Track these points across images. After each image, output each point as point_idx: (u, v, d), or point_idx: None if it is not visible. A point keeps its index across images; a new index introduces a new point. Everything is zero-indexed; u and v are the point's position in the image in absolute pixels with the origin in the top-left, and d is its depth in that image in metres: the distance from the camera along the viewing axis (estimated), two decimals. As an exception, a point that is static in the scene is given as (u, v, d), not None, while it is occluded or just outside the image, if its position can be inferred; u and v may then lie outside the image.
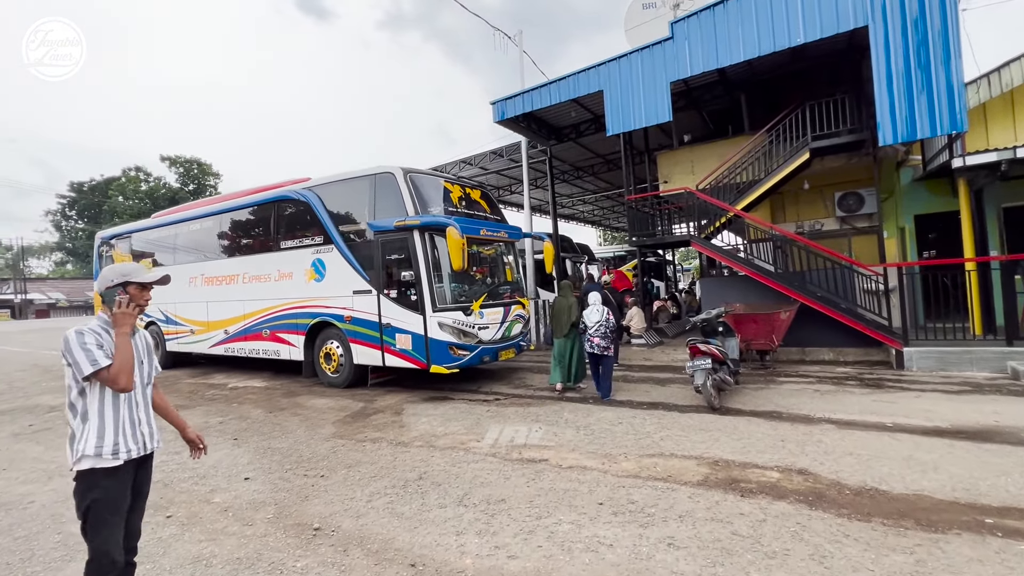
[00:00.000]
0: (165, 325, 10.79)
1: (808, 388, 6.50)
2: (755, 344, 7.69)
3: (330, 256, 7.93)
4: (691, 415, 5.52)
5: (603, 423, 5.37)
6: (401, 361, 7.18)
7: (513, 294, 8.28)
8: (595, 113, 11.34)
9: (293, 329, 8.47)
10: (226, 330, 9.59)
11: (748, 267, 8.57)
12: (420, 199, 7.15)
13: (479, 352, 7.16)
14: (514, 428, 5.35)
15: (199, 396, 7.84)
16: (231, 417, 6.45)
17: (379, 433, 5.45)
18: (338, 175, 8.10)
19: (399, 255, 7.18)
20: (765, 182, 9.47)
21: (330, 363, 8.03)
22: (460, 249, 6.38)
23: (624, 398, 6.50)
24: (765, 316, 7.45)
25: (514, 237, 8.38)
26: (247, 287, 9.17)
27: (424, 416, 6.04)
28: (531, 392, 7.13)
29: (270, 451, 5.01)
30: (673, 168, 11.30)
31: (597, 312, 6.44)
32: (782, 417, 5.27)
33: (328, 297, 7.98)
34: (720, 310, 6.60)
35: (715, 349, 5.81)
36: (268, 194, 8.97)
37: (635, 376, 7.87)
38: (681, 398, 6.32)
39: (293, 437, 5.45)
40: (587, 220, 28.80)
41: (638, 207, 10.33)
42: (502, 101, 10.22)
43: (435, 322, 6.83)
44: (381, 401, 6.96)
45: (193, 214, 10.41)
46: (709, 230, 9.29)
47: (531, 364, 9.54)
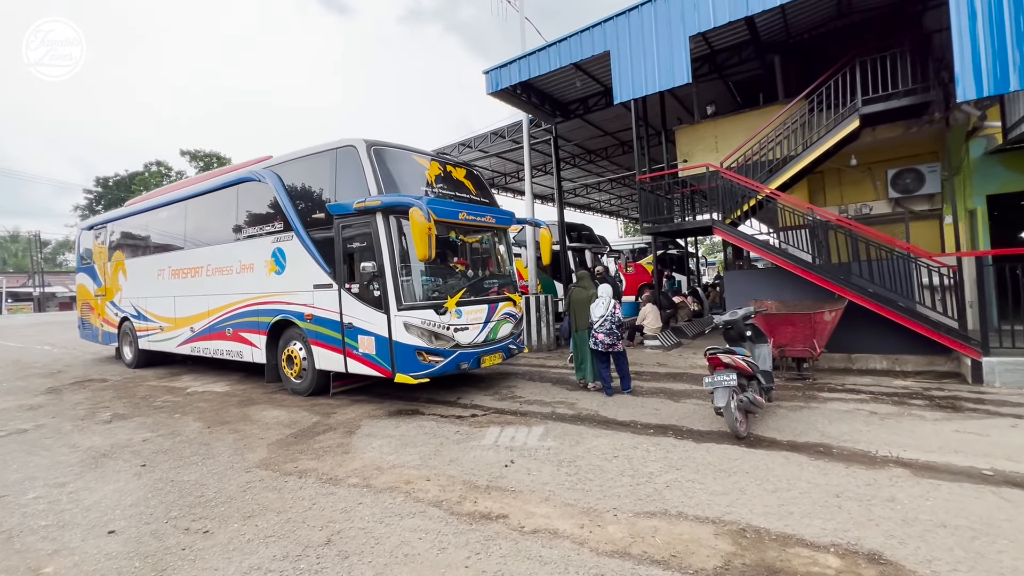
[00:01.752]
0: (136, 321, 10.00)
1: (861, 409, 5.16)
2: (791, 351, 6.35)
3: (290, 245, 6.90)
4: (709, 447, 4.28)
5: (594, 456, 4.17)
6: (364, 367, 6.10)
7: (502, 289, 7.10)
8: (604, 84, 10.01)
9: (254, 328, 7.50)
10: (192, 327, 8.71)
11: (783, 258, 7.19)
12: (386, 176, 6.03)
13: (455, 358, 6.03)
14: (479, 460, 4.21)
15: (147, 404, 6.94)
16: (161, 434, 5.49)
17: (315, 462, 4.38)
18: (299, 151, 7.05)
19: (361, 243, 6.08)
20: (803, 157, 8.04)
21: (292, 367, 7.03)
22: (425, 234, 5.24)
23: (626, 417, 5.28)
24: (804, 317, 6.10)
25: (503, 223, 7.19)
26: (211, 280, 8.25)
27: (379, 438, 4.95)
28: (517, 406, 5.97)
29: (171, 486, 3.99)
30: (694, 145, 9.89)
31: (603, 305, 5.98)
32: (832, 454, 3.98)
33: (289, 292, 6.96)
34: (748, 310, 5.30)
35: (741, 360, 4.54)
36: (228, 176, 8.00)
37: (644, 388, 6.62)
38: (698, 419, 5.07)
39: (212, 465, 4.43)
40: (604, 210, 27.33)
41: (652, 189, 8.99)
42: (496, 69, 8.98)
43: (400, 322, 5.73)
44: (339, 415, 5.91)
45: (160, 201, 9.55)
46: (735, 214, 7.92)
47: (526, 369, 8.37)
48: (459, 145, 13.78)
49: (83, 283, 12.00)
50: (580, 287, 6.59)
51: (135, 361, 10.16)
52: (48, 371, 10.38)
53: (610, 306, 5.99)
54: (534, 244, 10.48)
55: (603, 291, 6.17)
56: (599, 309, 6.02)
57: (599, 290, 6.22)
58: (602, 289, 6.22)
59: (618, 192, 22.70)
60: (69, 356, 12.68)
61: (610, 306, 5.99)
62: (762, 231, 8.94)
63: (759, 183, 7.63)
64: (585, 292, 6.48)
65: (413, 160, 6.58)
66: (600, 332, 5.95)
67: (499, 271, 7.44)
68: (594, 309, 6.06)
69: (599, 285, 6.39)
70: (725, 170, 7.86)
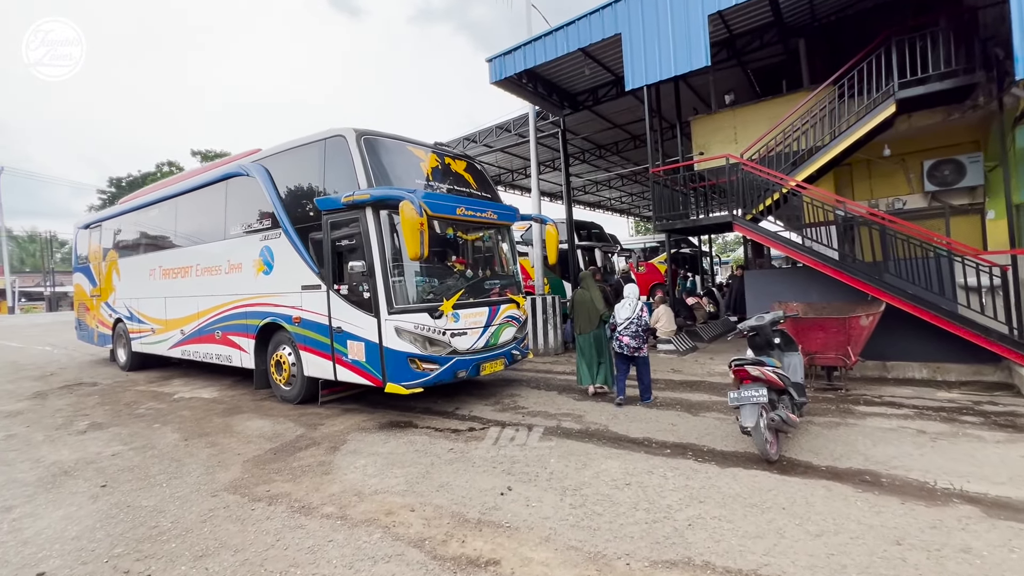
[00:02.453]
0: (129, 323, 9.67)
1: (907, 427, 4.57)
2: (822, 359, 5.77)
3: (278, 243, 6.46)
4: (736, 472, 3.73)
5: (603, 482, 3.65)
6: (354, 375, 5.64)
7: (504, 291, 6.60)
8: (614, 72, 9.45)
9: (243, 331, 7.08)
10: (182, 330, 8.33)
11: (811, 256, 6.58)
12: (377, 168, 5.55)
13: (452, 366, 5.54)
14: (472, 485, 3.71)
15: (128, 412, 6.55)
16: (134, 447, 5.08)
17: (290, 484, 3.92)
18: (287, 143, 6.60)
19: (350, 240, 5.62)
20: (831, 148, 7.42)
21: (281, 373, 6.59)
22: (417, 230, 4.75)
23: (640, 434, 4.75)
24: (838, 321, 5.51)
25: (506, 219, 6.69)
26: (200, 281, 7.86)
27: (364, 456, 4.48)
28: (519, 418, 5.47)
29: (125, 512, 3.55)
30: (711, 137, 9.29)
31: (629, 307, 5.63)
32: (882, 485, 3.42)
33: (277, 293, 6.53)
34: (777, 314, 4.73)
35: (772, 373, 3.98)
36: (215, 172, 7.59)
37: (659, 398, 6.07)
38: (720, 438, 4.52)
39: (177, 486, 3.99)
40: (614, 208, 26.70)
41: (665, 182, 8.41)
42: (499, 57, 8.46)
43: (391, 327, 5.25)
44: (327, 427, 5.45)
45: (151, 198, 9.18)
46: (757, 209, 7.32)
47: (531, 376, 7.85)
48: (463, 140, 13.29)
49: (79, 283, 11.73)
50: (583, 288, 6.26)
51: (129, 364, 9.83)
52: (41, 373, 10.10)
53: (637, 307, 5.65)
54: (540, 242, 9.95)
55: (629, 291, 5.82)
56: (625, 310, 5.66)
57: (625, 290, 5.89)
58: (628, 289, 5.87)
59: (629, 189, 22.07)
60: (66, 358, 12.42)
61: (637, 307, 5.65)
62: (784, 228, 8.32)
63: (784, 175, 7.01)
64: (587, 293, 6.15)
65: (408, 151, 6.10)
66: (625, 335, 5.59)
67: (501, 271, 6.93)
68: (620, 310, 5.72)
69: (625, 285, 6.11)
70: (747, 161, 7.26)
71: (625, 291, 5.90)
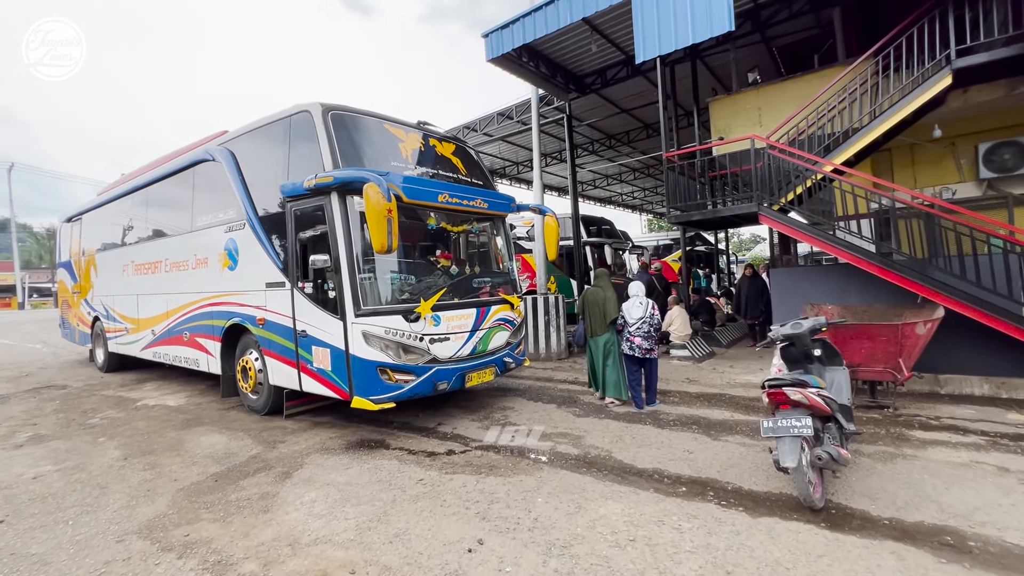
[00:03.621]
0: (106, 321, 9.10)
1: (982, 461, 3.70)
2: (867, 372, 4.89)
3: (243, 236, 5.77)
4: (772, 524, 2.91)
5: (599, 537, 2.86)
6: (319, 386, 4.91)
7: (496, 289, 5.82)
8: (624, 50, 8.61)
9: (208, 333, 6.41)
10: (153, 330, 7.71)
11: (850, 251, 5.70)
12: (346, 149, 4.81)
13: (430, 376, 4.78)
14: (436, 536, 2.95)
15: (81, 422, 5.92)
16: (64, 467, 4.42)
17: (216, 526, 3.19)
18: (254, 122, 5.90)
19: (315, 231, 4.89)
20: (870, 129, 6.51)
21: (247, 380, 5.90)
22: (383, 218, 4.00)
23: (648, 463, 3.95)
24: (889, 329, 4.63)
25: (498, 209, 5.90)
26: (169, 277, 7.21)
27: (317, 487, 3.74)
28: (508, 438, 4.70)
29: (2, 562, 2.86)
30: (732, 120, 8.38)
31: (639, 307, 5.43)
32: (972, 553, 2.58)
33: (242, 292, 5.83)
34: (819, 321, 3.88)
35: (817, 397, 3.15)
36: (183, 158, 6.93)
37: (672, 415, 5.25)
38: (748, 471, 3.70)
39: (85, 524, 3.30)
40: (626, 204, 25.74)
41: (680, 169, 7.54)
42: (496, 31, 7.66)
43: (358, 331, 4.50)
44: (288, 445, 4.74)
45: (125, 189, 8.55)
46: (786, 198, 6.44)
47: (529, 384, 7.07)
48: (463, 128, 12.51)
49: (63, 279, 11.22)
50: (597, 287, 5.83)
51: (106, 365, 9.25)
52: (17, 374, 9.58)
53: (648, 307, 5.45)
54: (540, 236, 9.15)
55: (636, 289, 5.59)
56: (636, 310, 5.43)
57: (630, 288, 5.65)
58: (634, 287, 5.63)
59: (642, 184, 21.13)
60: (52, 357, 11.95)
61: (648, 307, 5.45)
62: (813, 221, 7.39)
63: (820, 159, 6.12)
64: (602, 293, 5.72)
65: (384, 131, 5.34)
66: (637, 336, 5.37)
67: (494, 267, 6.16)
68: (631, 310, 5.48)
69: (631, 283, 5.86)
70: (777, 143, 6.38)
71: (631, 289, 5.64)
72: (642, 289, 5.60)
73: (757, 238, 53.28)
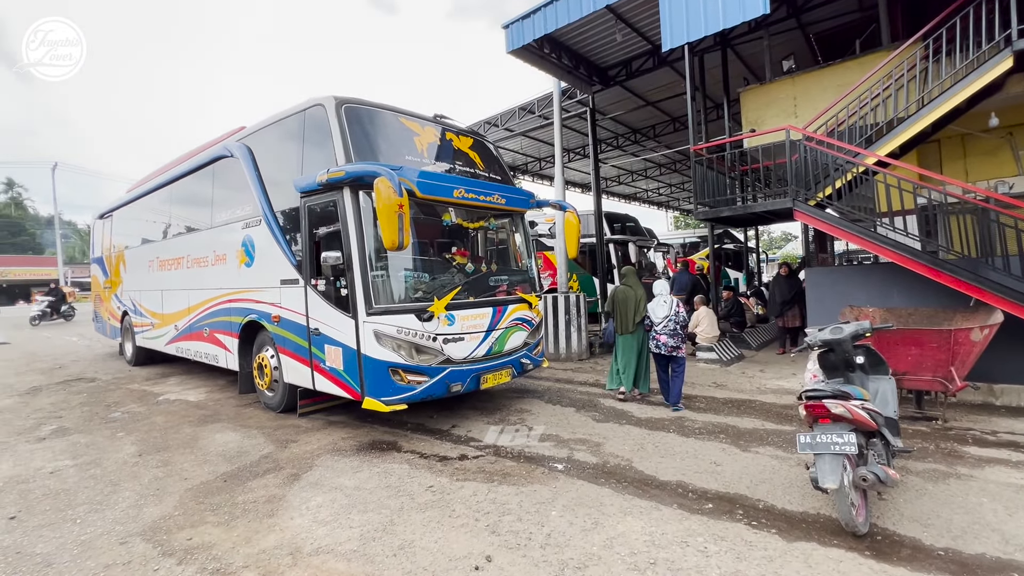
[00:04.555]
0: (134, 316, 9.30)
1: (1049, 484, 3.32)
2: (913, 381, 4.51)
3: (259, 232, 5.73)
4: (809, 551, 2.64)
5: (616, 558, 2.64)
6: (332, 385, 4.82)
7: (513, 288, 5.63)
8: (650, 39, 8.27)
9: (227, 329, 6.42)
10: (176, 325, 7.81)
11: (895, 250, 5.29)
12: (359, 142, 4.69)
13: (444, 377, 4.63)
14: (442, 550, 2.78)
15: (102, 416, 5.99)
16: (81, 462, 4.44)
17: (220, 530, 3.11)
18: (270, 117, 5.84)
19: (328, 227, 4.79)
20: (919, 118, 6.04)
21: (263, 378, 5.88)
22: (394, 213, 3.85)
23: (672, 475, 3.70)
24: (940, 335, 4.24)
25: (516, 204, 5.70)
26: (191, 273, 7.27)
27: (325, 491, 3.63)
28: (523, 444, 4.51)
29: (7, 561, 2.83)
30: (765, 111, 7.96)
31: (664, 305, 5.52)
32: (1046, 594, 2.26)
33: (258, 288, 5.80)
34: (862, 325, 3.55)
35: (860, 410, 2.85)
36: (204, 154, 6.96)
37: (697, 423, 4.97)
38: (781, 487, 3.42)
39: (92, 523, 3.26)
40: (652, 201, 25.17)
41: (709, 163, 7.18)
42: (516, 22, 7.43)
43: (370, 330, 4.38)
44: (300, 445, 4.66)
45: (151, 185, 8.69)
46: (824, 193, 6.04)
47: (548, 385, 6.86)
48: (484, 123, 12.33)
49: (96, 274, 11.57)
50: (626, 285, 5.90)
51: (134, 358, 9.48)
52: (52, 366, 9.90)
53: (673, 305, 5.51)
54: (561, 233, 8.91)
55: (660, 288, 5.67)
56: (662, 309, 5.52)
57: (655, 287, 5.73)
58: (659, 286, 5.71)
59: (668, 179, 20.59)
60: (86, 349, 12.35)
61: (673, 305, 5.51)
62: (850, 217, 6.93)
63: (862, 151, 5.71)
64: (631, 292, 5.81)
65: (400, 124, 5.21)
66: (663, 334, 5.46)
67: (511, 265, 5.97)
68: (656, 309, 5.56)
69: (655, 282, 5.88)
70: (815, 134, 5.98)
71: (656, 288, 5.71)
72: (666, 288, 5.68)
73: (788, 235, 51.53)
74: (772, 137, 6.88)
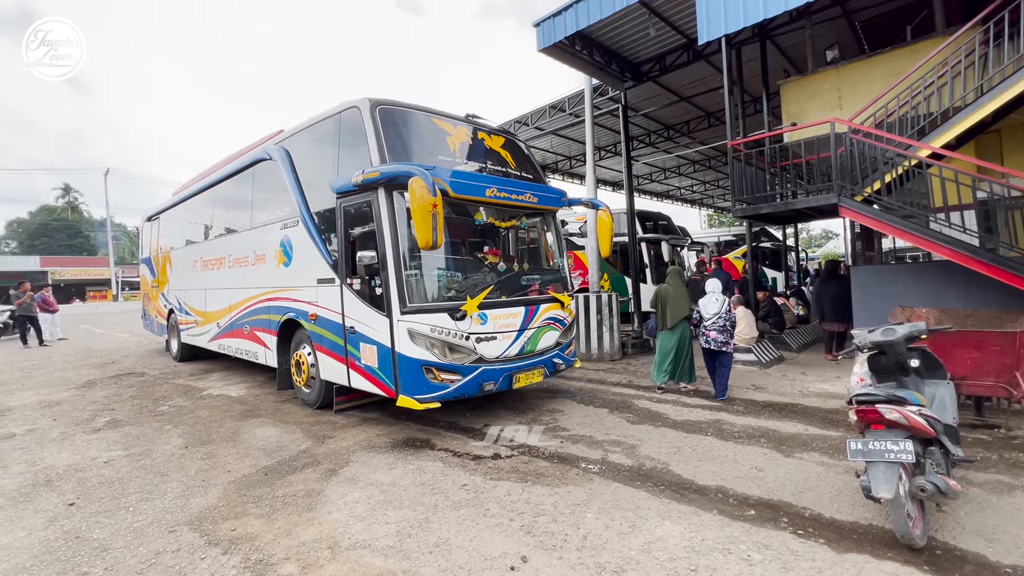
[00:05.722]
0: (180, 314, 9.72)
1: None
2: (973, 386, 4.24)
3: (296, 232, 5.88)
4: (862, 564, 2.51)
5: (655, 563, 2.57)
6: (367, 382, 4.90)
7: (546, 287, 5.59)
8: (685, 32, 8.08)
9: (266, 327, 6.62)
10: (218, 323, 8.11)
11: (951, 248, 4.99)
12: (393, 143, 4.75)
13: (477, 376, 4.64)
14: (477, 548, 2.78)
15: (151, 409, 6.28)
16: (132, 452, 4.66)
17: (262, 522, 3.20)
18: (306, 121, 5.98)
19: (363, 227, 4.87)
20: (977, 107, 5.70)
21: (301, 375, 6.03)
22: (428, 213, 3.88)
23: (711, 479, 3.59)
24: (1004, 337, 3.97)
25: (548, 203, 5.67)
26: (232, 272, 7.54)
27: (361, 486, 3.69)
28: (556, 445, 4.47)
29: (68, 546, 2.99)
30: (807, 103, 7.64)
31: (716, 302, 5.72)
32: None
33: (296, 287, 5.96)
34: (917, 327, 3.35)
35: (918, 417, 2.69)
36: (244, 158, 7.19)
37: (736, 427, 4.82)
38: (828, 495, 3.27)
39: (144, 511, 3.41)
40: (685, 199, 24.63)
41: (747, 159, 6.95)
42: (548, 19, 7.37)
43: (403, 329, 4.43)
44: (336, 440, 4.76)
45: (195, 188, 9.06)
46: (872, 188, 5.76)
47: (580, 385, 6.80)
48: (514, 122, 12.33)
49: (144, 274, 12.15)
50: (669, 284, 6.17)
51: (179, 354, 9.90)
52: (104, 360, 10.45)
53: (724, 303, 5.72)
54: (593, 231, 8.81)
55: (713, 286, 5.88)
56: (713, 306, 5.75)
57: (707, 285, 5.95)
58: (711, 284, 5.92)
59: (702, 176, 20.10)
60: (135, 345, 12.98)
61: (724, 303, 5.72)
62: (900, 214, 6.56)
63: (914, 142, 5.41)
64: (674, 290, 6.07)
65: (432, 124, 5.25)
66: (712, 330, 5.69)
67: (543, 264, 5.93)
68: (707, 305, 5.78)
69: (708, 279, 6.08)
70: (861, 126, 5.71)
71: (708, 286, 5.91)
72: (719, 286, 5.86)
73: (829, 233, 49.56)
74: (814, 131, 6.60)
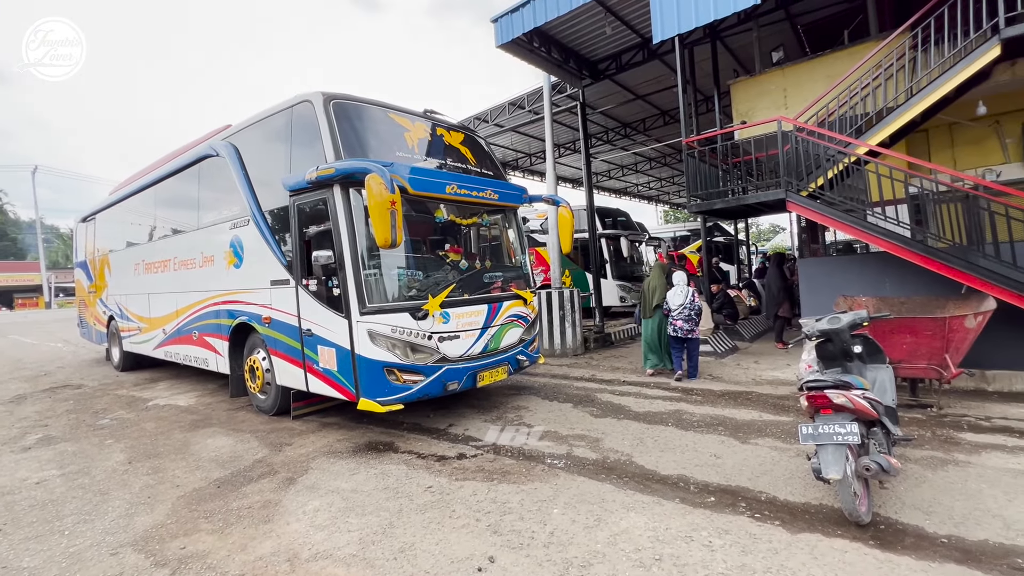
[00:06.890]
0: (121, 320, 9.11)
1: (1046, 468, 3.35)
2: (908, 369, 4.53)
3: (247, 232, 5.62)
4: (814, 542, 2.63)
5: (621, 554, 2.61)
6: (326, 387, 4.74)
7: (508, 285, 5.58)
8: (640, 33, 8.24)
9: (216, 332, 6.30)
10: (164, 329, 7.65)
11: (888, 239, 5.31)
12: (348, 139, 4.60)
13: (440, 376, 4.57)
14: (443, 552, 2.73)
15: (89, 423, 5.85)
16: (68, 471, 4.32)
17: (214, 538, 3.03)
18: (256, 115, 5.72)
19: (319, 226, 4.70)
20: (907, 108, 6.07)
21: (255, 380, 5.77)
22: (386, 211, 3.77)
23: (673, 469, 3.68)
24: (935, 323, 4.27)
25: (509, 200, 5.64)
26: (178, 275, 7.13)
27: (321, 494, 3.56)
28: (522, 441, 4.47)
29: (-7, 579, 2.73)
30: (756, 102, 7.96)
31: (681, 294, 6.17)
32: (1051, 579, 2.26)
33: (248, 290, 5.69)
34: (860, 315, 3.55)
35: (862, 400, 2.85)
36: (188, 154, 6.81)
37: (695, 415, 4.97)
38: (782, 478, 3.41)
39: (81, 534, 3.16)
40: (642, 195, 25.22)
41: (701, 155, 7.17)
42: (505, 15, 7.35)
43: (364, 330, 4.30)
44: (294, 448, 4.58)
45: (134, 187, 8.49)
46: (816, 184, 6.05)
47: (544, 381, 6.83)
48: (473, 119, 12.23)
49: (80, 279, 11.31)
50: (651, 277, 6.73)
51: (121, 363, 9.29)
52: (36, 373, 9.68)
53: (689, 294, 6.13)
54: (554, 228, 8.87)
55: (678, 279, 6.25)
56: (677, 297, 6.16)
57: (674, 278, 6.33)
58: (677, 277, 6.29)
59: (658, 173, 20.62)
60: (71, 355, 12.10)
61: (689, 294, 6.13)
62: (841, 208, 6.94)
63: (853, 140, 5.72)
64: (654, 282, 6.62)
65: (389, 119, 5.11)
66: (679, 319, 6.13)
67: (505, 261, 5.92)
68: (672, 297, 6.20)
69: (673, 273, 6.47)
70: (807, 124, 5.98)
71: (674, 279, 6.30)
72: (684, 278, 6.25)
73: (777, 227, 51.95)
74: (763, 129, 6.88)
